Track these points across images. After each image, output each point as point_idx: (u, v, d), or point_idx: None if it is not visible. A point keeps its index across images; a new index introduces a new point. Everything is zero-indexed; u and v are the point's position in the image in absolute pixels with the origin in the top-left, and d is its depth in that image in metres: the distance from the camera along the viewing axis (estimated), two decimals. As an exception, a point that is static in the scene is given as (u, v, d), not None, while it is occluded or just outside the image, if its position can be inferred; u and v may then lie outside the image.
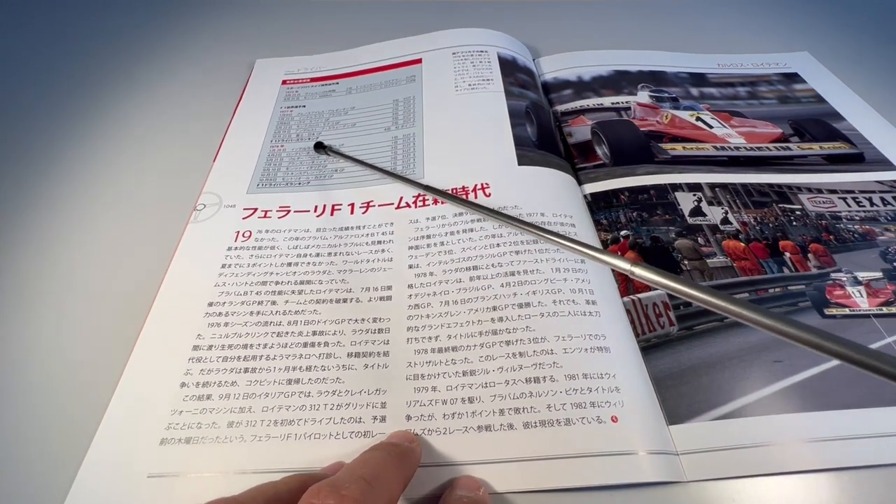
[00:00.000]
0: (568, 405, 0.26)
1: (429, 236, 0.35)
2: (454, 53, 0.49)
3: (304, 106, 0.47)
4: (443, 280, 0.32)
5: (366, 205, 0.38)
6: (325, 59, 0.52)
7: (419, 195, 0.37)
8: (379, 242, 0.35)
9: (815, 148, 0.42)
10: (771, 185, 0.39)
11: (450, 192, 0.37)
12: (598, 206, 0.38)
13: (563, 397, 0.26)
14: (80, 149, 0.43)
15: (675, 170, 0.40)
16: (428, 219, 0.36)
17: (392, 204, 0.37)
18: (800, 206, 0.38)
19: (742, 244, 0.35)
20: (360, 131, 0.44)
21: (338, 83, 0.49)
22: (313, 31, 0.57)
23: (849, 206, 0.38)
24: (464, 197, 0.37)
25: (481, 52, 0.49)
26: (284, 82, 0.50)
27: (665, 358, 0.29)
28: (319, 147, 0.41)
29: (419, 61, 0.50)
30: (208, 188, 0.39)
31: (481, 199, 0.36)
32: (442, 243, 0.34)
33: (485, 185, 0.37)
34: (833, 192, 0.39)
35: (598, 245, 0.35)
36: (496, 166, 0.38)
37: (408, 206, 0.37)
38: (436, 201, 0.37)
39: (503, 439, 0.26)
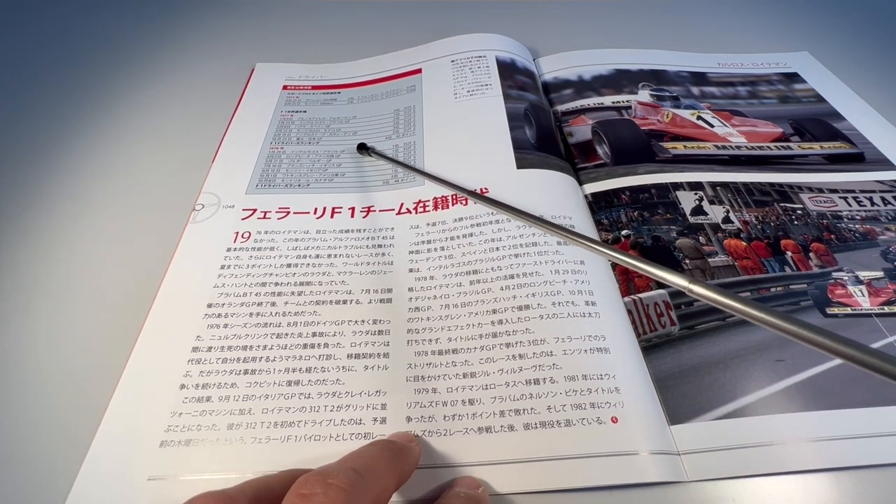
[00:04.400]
0: (568, 406, 0.26)
1: (429, 241, 0.35)
2: (453, 61, 0.49)
3: (306, 111, 0.47)
4: (443, 284, 0.32)
5: (366, 209, 0.38)
6: (327, 68, 0.52)
7: (419, 201, 0.37)
8: (379, 246, 0.35)
9: (816, 147, 0.42)
10: (772, 185, 0.39)
11: (451, 198, 0.37)
12: (599, 205, 0.38)
13: (562, 398, 0.26)
14: (80, 149, 0.43)
15: (676, 169, 0.40)
16: (428, 224, 0.36)
17: (393, 210, 0.37)
18: (801, 206, 0.38)
19: (743, 243, 0.35)
20: (362, 139, 0.44)
21: (339, 93, 0.49)
22: (314, 38, 0.57)
23: (849, 205, 0.37)
24: (464, 202, 0.37)
25: (479, 57, 0.49)
26: (285, 87, 0.50)
27: (666, 358, 0.29)
28: (362, 148, 0.42)
29: (419, 71, 0.50)
30: (207, 188, 0.39)
31: (480, 204, 0.36)
32: (442, 248, 0.34)
33: (484, 190, 0.37)
34: (834, 191, 0.39)
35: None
36: (495, 171, 0.38)
37: (409, 212, 0.37)
38: (436, 207, 0.37)
39: (503, 440, 0.25)
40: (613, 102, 0.47)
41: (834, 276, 0.33)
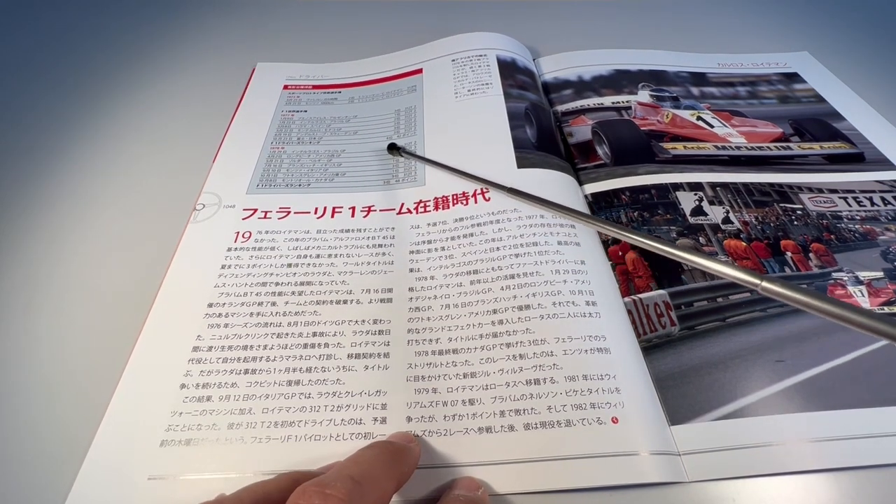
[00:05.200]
0: (568, 406, 0.26)
1: (430, 241, 0.35)
2: (453, 60, 0.49)
3: (306, 111, 0.47)
4: (443, 284, 0.32)
5: (367, 209, 0.38)
6: (327, 68, 0.52)
7: (419, 201, 0.37)
8: (380, 246, 0.35)
9: (816, 148, 0.42)
10: (772, 185, 0.39)
11: (452, 198, 0.37)
12: (599, 206, 0.38)
13: (563, 399, 0.26)
14: (80, 149, 0.43)
15: (675, 169, 0.40)
16: (429, 224, 0.36)
17: (393, 209, 0.37)
18: (801, 206, 0.38)
19: (743, 243, 0.35)
20: (362, 139, 0.44)
21: (340, 92, 0.50)
22: (314, 38, 0.57)
23: (849, 205, 0.38)
24: (464, 202, 0.37)
25: (480, 56, 0.49)
26: (286, 87, 0.50)
27: (667, 358, 0.29)
28: (393, 148, 0.41)
29: (420, 71, 0.50)
30: (208, 188, 0.39)
31: (481, 204, 0.36)
32: (443, 248, 0.34)
33: (484, 190, 0.37)
34: (834, 191, 0.39)
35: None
36: (496, 170, 0.38)
37: (409, 212, 0.37)
38: (436, 207, 0.37)
39: (503, 441, 0.25)
40: (613, 103, 0.47)
41: (834, 277, 0.33)
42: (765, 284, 0.21)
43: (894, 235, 0.35)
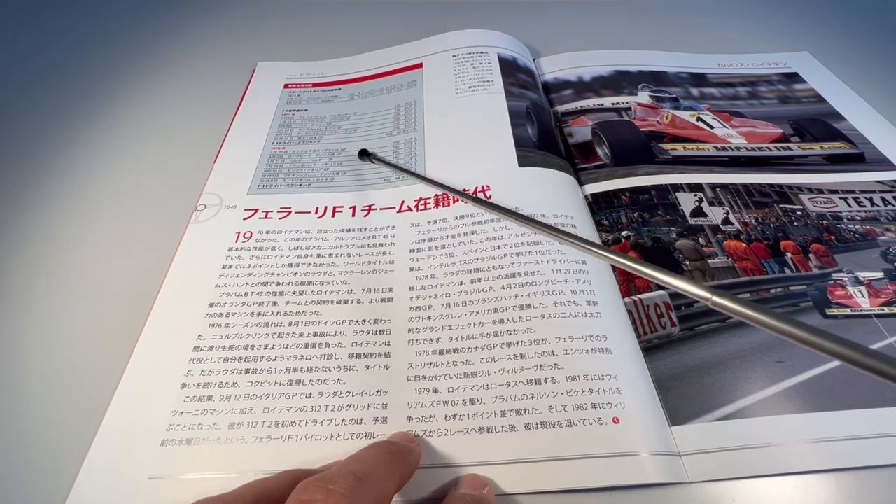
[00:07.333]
0: (569, 406, 0.26)
1: (430, 239, 0.35)
2: (454, 56, 0.49)
3: (307, 110, 0.47)
4: (444, 282, 0.32)
5: (367, 208, 0.38)
6: (327, 65, 0.52)
7: (420, 199, 0.37)
8: (380, 245, 0.35)
9: (816, 148, 0.42)
10: (772, 186, 0.39)
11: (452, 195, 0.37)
12: (599, 206, 0.38)
13: (564, 398, 0.26)
14: (81, 149, 0.43)
15: (675, 170, 0.40)
16: (429, 222, 0.36)
17: (394, 208, 0.37)
18: (801, 207, 0.38)
19: (743, 244, 0.35)
20: (363, 136, 0.44)
21: (340, 89, 0.49)
22: (315, 36, 0.57)
23: (849, 206, 0.38)
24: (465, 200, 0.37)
25: (481, 53, 0.49)
26: (286, 86, 0.50)
27: (667, 359, 0.29)
28: (364, 154, 0.41)
29: (420, 66, 0.50)
30: (209, 189, 0.39)
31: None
32: (443, 246, 0.34)
33: (485, 188, 0.37)
34: (834, 192, 0.39)
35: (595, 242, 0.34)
36: (497, 168, 0.38)
37: (409, 209, 0.37)
38: (437, 205, 0.37)
39: (504, 440, 0.25)
40: (613, 104, 0.47)
41: (834, 277, 0.33)
42: (715, 299, 0.21)
43: (894, 236, 0.35)
